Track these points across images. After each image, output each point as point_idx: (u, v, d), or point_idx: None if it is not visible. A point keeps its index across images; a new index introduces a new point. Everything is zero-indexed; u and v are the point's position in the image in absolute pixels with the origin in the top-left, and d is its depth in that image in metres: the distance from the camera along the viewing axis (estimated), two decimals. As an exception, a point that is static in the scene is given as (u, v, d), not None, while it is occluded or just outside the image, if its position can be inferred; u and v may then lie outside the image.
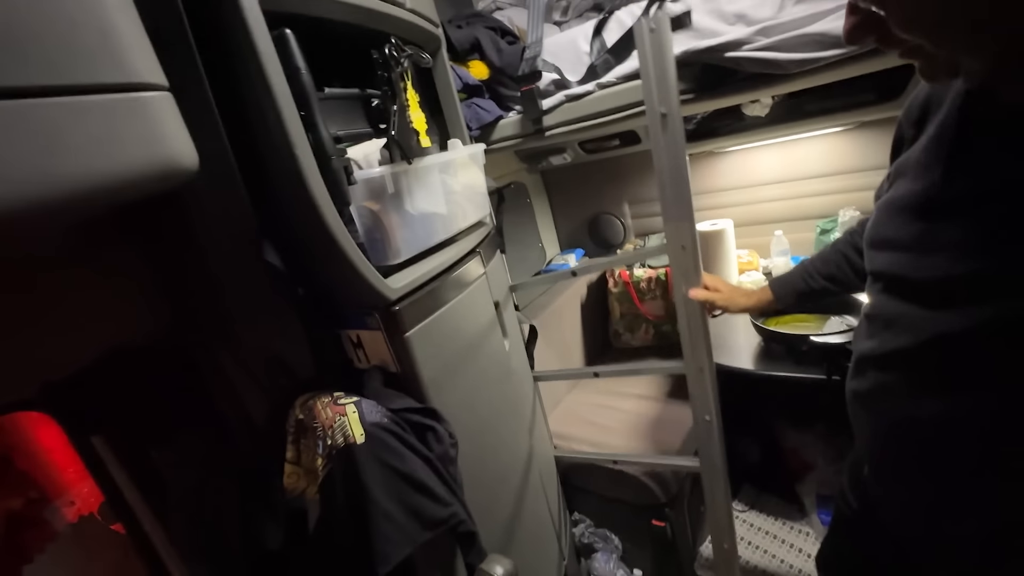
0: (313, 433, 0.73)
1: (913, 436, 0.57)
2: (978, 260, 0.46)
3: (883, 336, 0.58)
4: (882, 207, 0.60)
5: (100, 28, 0.45)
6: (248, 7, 0.57)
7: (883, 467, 0.65)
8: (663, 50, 0.83)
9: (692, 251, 0.96)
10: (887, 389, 0.58)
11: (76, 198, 0.44)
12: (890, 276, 0.57)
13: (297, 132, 0.62)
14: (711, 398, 1.10)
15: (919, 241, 0.52)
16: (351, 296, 0.76)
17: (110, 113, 0.45)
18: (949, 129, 0.51)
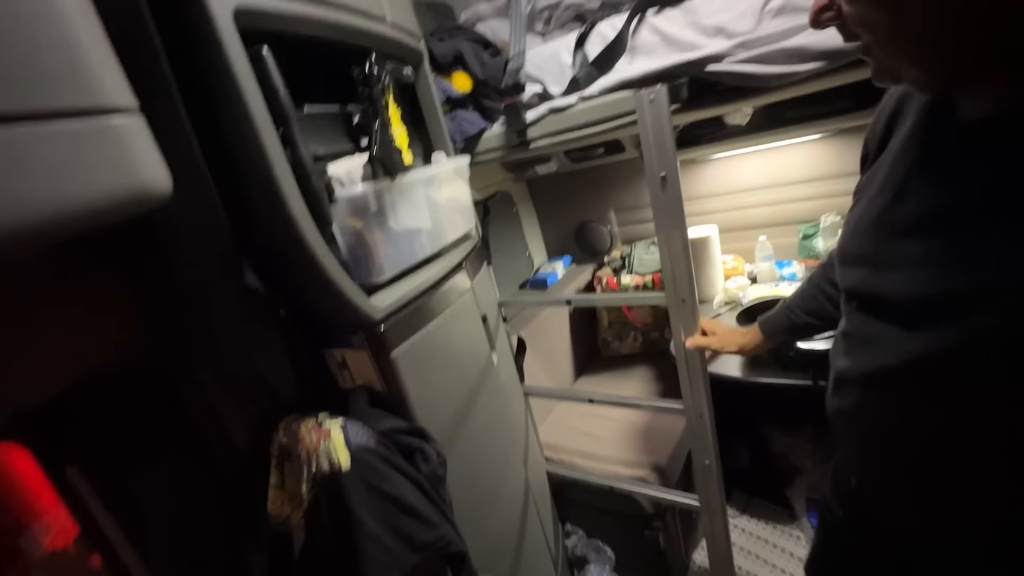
0: (297, 458, 0.72)
1: (901, 452, 0.57)
2: (944, 278, 0.46)
3: (861, 354, 0.57)
4: (851, 222, 0.61)
5: (66, 51, 0.43)
6: (223, 27, 0.56)
7: (872, 481, 0.65)
8: (662, 120, 0.91)
9: (691, 303, 1.05)
10: (870, 408, 0.58)
11: (42, 228, 0.43)
12: (863, 294, 0.57)
13: (275, 152, 0.61)
14: (711, 443, 1.13)
15: (887, 258, 0.52)
16: (335, 316, 0.75)
17: (77, 138, 0.44)
18: (912, 145, 0.51)
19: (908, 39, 0.42)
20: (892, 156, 0.54)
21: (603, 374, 1.99)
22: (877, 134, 0.60)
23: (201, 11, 0.55)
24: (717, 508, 1.20)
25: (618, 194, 2.12)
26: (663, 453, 1.48)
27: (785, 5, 0.82)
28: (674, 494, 1.30)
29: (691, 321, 1.08)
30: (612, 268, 1.98)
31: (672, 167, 0.95)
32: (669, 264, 1.05)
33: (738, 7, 0.87)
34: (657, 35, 0.95)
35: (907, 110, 0.54)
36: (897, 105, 0.57)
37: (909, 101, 0.55)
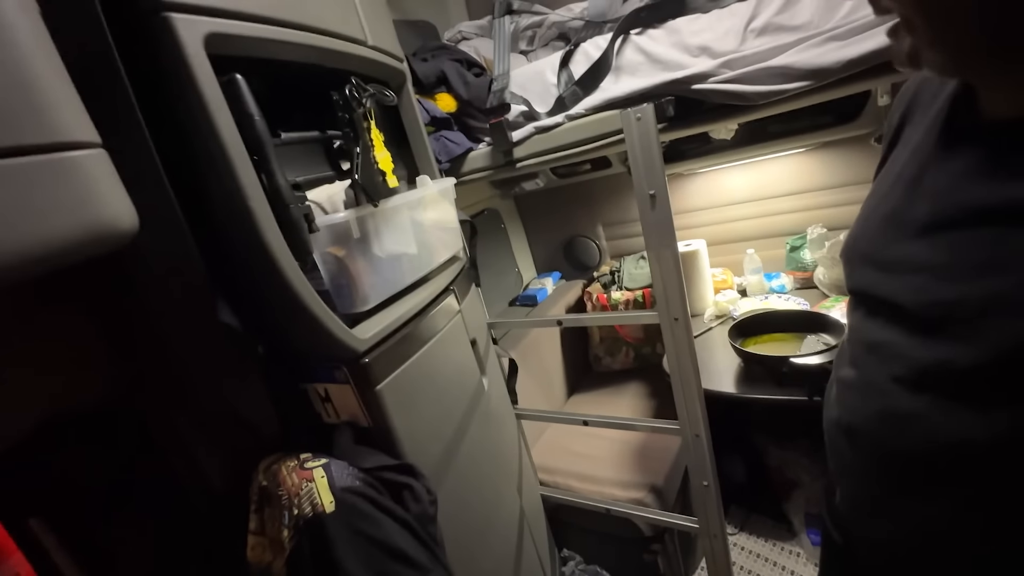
0: (278, 501, 0.68)
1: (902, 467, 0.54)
2: (957, 285, 0.44)
3: (868, 363, 0.55)
4: (861, 219, 0.58)
5: (20, 86, 0.41)
6: (193, 54, 0.53)
7: (862, 499, 0.62)
8: (650, 138, 0.91)
9: (684, 321, 1.04)
10: (872, 420, 0.56)
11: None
12: (871, 297, 0.54)
13: (250, 182, 0.58)
14: (708, 464, 1.12)
15: (897, 260, 0.50)
16: (316, 350, 0.71)
17: (33, 177, 0.41)
18: (929, 140, 0.49)
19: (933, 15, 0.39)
20: (907, 150, 0.52)
21: (596, 391, 1.96)
22: (892, 125, 0.58)
23: (170, 38, 0.52)
24: (717, 530, 1.18)
25: (605, 209, 2.11)
26: (660, 472, 1.46)
27: (768, 25, 0.83)
28: (672, 517, 1.27)
29: (684, 339, 1.06)
30: (602, 283, 1.97)
31: (661, 184, 0.94)
32: (661, 282, 1.03)
33: (721, 27, 0.87)
34: (642, 54, 0.95)
35: (923, 101, 0.53)
36: (913, 96, 0.55)
37: (925, 92, 0.53)
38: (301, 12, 0.68)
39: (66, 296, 0.69)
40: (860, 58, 0.73)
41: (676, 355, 1.08)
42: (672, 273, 1.02)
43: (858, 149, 1.55)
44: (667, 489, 1.42)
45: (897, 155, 0.54)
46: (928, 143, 0.49)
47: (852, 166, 1.59)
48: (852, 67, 0.74)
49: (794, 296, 1.66)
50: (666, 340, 1.08)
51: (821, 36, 0.76)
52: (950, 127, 0.47)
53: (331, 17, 0.74)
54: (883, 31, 0.73)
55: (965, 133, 0.46)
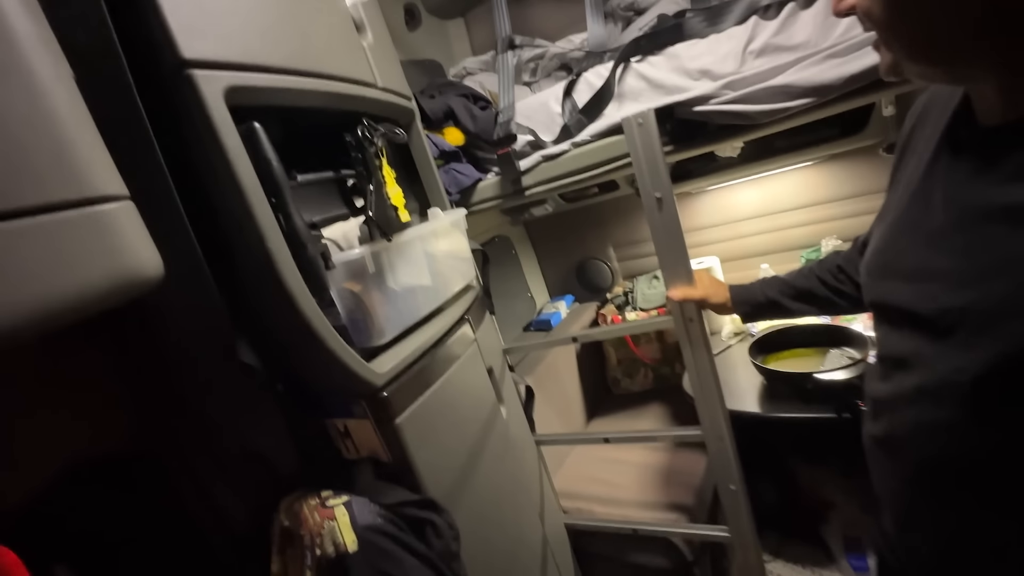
0: (300, 542, 0.67)
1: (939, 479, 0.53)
2: (976, 291, 0.44)
3: (897, 377, 0.55)
4: (880, 231, 0.59)
5: (53, 146, 0.43)
6: (214, 107, 0.56)
7: (907, 516, 0.60)
8: (652, 141, 0.91)
9: (699, 323, 1.02)
10: (910, 433, 0.55)
11: (26, 327, 0.41)
12: (892, 308, 0.54)
13: (269, 225, 0.60)
14: (734, 467, 1.08)
15: (915, 269, 0.50)
16: (335, 385, 0.72)
17: (64, 232, 0.43)
18: (937, 151, 0.51)
19: (906, 33, 0.42)
20: (919, 162, 0.53)
21: (616, 414, 1.92)
22: (903, 139, 0.59)
23: (192, 93, 0.55)
24: (749, 539, 1.13)
25: (615, 230, 2.12)
26: (687, 494, 1.41)
27: (766, 46, 0.84)
28: (701, 528, 1.22)
29: (701, 342, 1.04)
30: (616, 305, 1.96)
31: (666, 188, 0.94)
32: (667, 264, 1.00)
33: (720, 50, 0.89)
34: (643, 80, 0.97)
35: (931, 115, 0.54)
36: (923, 110, 0.57)
37: (933, 104, 0.55)
38: (315, 60, 0.71)
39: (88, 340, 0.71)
40: (861, 73, 0.74)
41: (694, 361, 1.05)
42: (684, 275, 1.00)
43: (866, 160, 1.54)
44: (697, 508, 1.37)
45: (907, 167, 0.55)
46: (934, 154, 0.50)
47: (861, 177, 1.58)
48: (853, 83, 0.74)
49: (813, 310, 1.63)
50: (682, 345, 1.05)
51: (820, 54, 0.77)
52: (953, 137, 0.48)
53: (343, 63, 0.78)
54: (881, 46, 0.74)
55: (965, 141, 0.47)
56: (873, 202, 1.60)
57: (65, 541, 0.71)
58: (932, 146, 0.51)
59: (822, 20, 0.81)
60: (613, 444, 1.72)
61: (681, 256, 0.99)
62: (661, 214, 0.96)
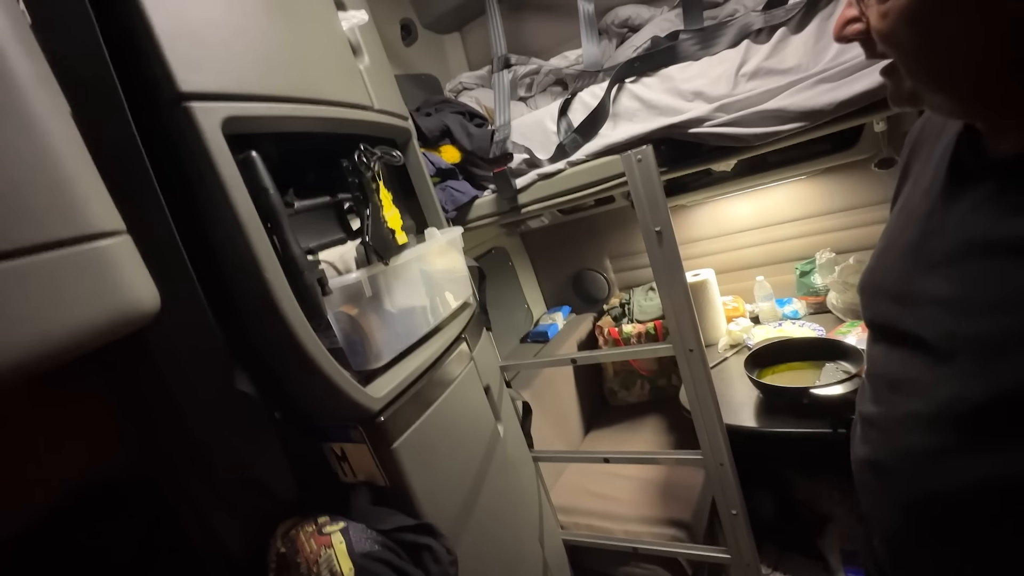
0: (296, 569, 0.67)
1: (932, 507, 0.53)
2: (975, 318, 0.44)
3: (891, 400, 0.54)
4: (878, 253, 0.59)
5: (49, 184, 0.43)
6: (211, 138, 0.56)
7: (897, 540, 0.59)
8: (651, 177, 0.94)
9: (699, 352, 1.05)
10: (903, 459, 0.54)
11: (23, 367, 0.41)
12: (890, 330, 0.54)
13: (266, 255, 0.60)
14: (735, 492, 1.09)
15: (915, 293, 0.50)
16: (332, 411, 0.72)
17: (62, 270, 0.43)
18: (940, 177, 0.50)
19: (936, 63, 0.41)
20: (919, 188, 0.54)
21: (614, 427, 1.92)
22: (903, 161, 0.59)
23: (190, 125, 0.55)
24: (750, 559, 1.14)
25: (611, 241, 2.13)
26: (686, 508, 1.41)
27: (758, 69, 0.85)
28: (703, 549, 1.23)
29: (700, 369, 1.05)
30: (612, 316, 1.96)
31: (666, 221, 0.96)
32: (673, 315, 1.04)
33: (713, 73, 0.90)
34: (638, 101, 0.98)
35: (929, 139, 0.54)
36: (920, 133, 0.57)
37: (931, 129, 0.55)
38: (312, 87, 0.72)
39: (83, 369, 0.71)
40: (852, 99, 0.75)
41: (694, 386, 1.07)
42: (683, 306, 1.02)
43: (859, 174, 1.56)
44: (695, 524, 1.37)
45: (909, 191, 0.56)
46: (938, 180, 0.50)
47: (854, 191, 1.60)
48: (845, 108, 0.76)
49: (808, 322, 1.64)
50: (683, 372, 1.07)
51: (812, 79, 0.78)
52: (958, 165, 0.48)
53: (339, 88, 0.78)
54: (873, 71, 0.76)
55: (971, 171, 0.47)
56: (866, 215, 1.62)
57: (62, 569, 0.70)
58: (931, 171, 0.51)
59: (813, 44, 0.82)
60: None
61: (680, 284, 1.01)
62: (661, 248, 0.98)
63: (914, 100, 0.45)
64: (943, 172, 0.50)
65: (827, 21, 0.81)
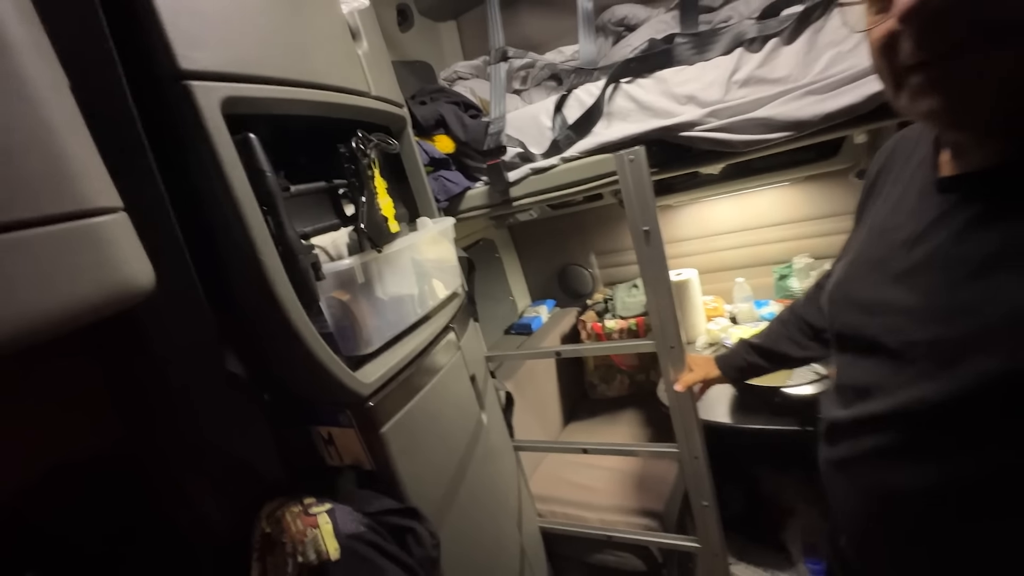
0: (282, 549, 0.68)
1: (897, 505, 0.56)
2: (933, 328, 0.47)
3: (858, 405, 0.57)
4: (845, 264, 0.62)
5: (47, 158, 0.42)
6: (210, 117, 0.56)
7: (864, 538, 0.63)
8: (642, 178, 0.96)
9: (679, 349, 1.08)
10: (866, 457, 0.57)
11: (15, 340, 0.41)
12: (859, 338, 0.57)
13: (262, 237, 0.60)
14: (707, 485, 1.13)
15: (881, 303, 0.53)
16: (322, 394, 0.72)
17: (60, 244, 0.43)
18: (906, 197, 0.54)
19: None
20: (890, 204, 0.57)
21: (592, 419, 1.96)
22: (871, 177, 0.63)
23: (189, 104, 0.55)
24: (717, 550, 1.19)
25: (598, 238, 2.16)
26: (659, 499, 1.46)
27: (750, 77, 0.88)
28: (673, 538, 1.28)
29: (681, 366, 1.09)
30: (596, 312, 2.00)
31: (654, 221, 0.98)
32: (657, 313, 1.07)
33: (706, 78, 0.92)
34: (632, 102, 1.00)
35: (899, 159, 0.58)
36: (891, 153, 0.60)
37: (900, 151, 0.58)
38: (311, 70, 0.71)
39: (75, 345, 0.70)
40: (837, 112, 0.78)
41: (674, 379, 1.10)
42: (667, 304, 1.05)
43: (839, 183, 1.61)
44: (667, 515, 1.42)
45: (879, 208, 0.58)
46: (907, 198, 0.54)
47: (834, 198, 1.66)
48: (829, 120, 0.79)
49: (784, 324, 1.70)
50: (663, 367, 1.10)
51: (800, 90, 0.81)
52: (925, 185, 0.51)
53: (338, 73, 0.78)
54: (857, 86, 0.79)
55: (937, 190, 0.50)
56: (843, 223, 1.68)
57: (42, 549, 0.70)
58: (900, 189, 0.55)
59: (803, 56, 0.85)
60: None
61: (665, 283, 1.04)
62: (648, 247, 1.01)
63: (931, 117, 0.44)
64: (912, 191, 0.53)
65: (818, 34, 0.84)
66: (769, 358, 0.93)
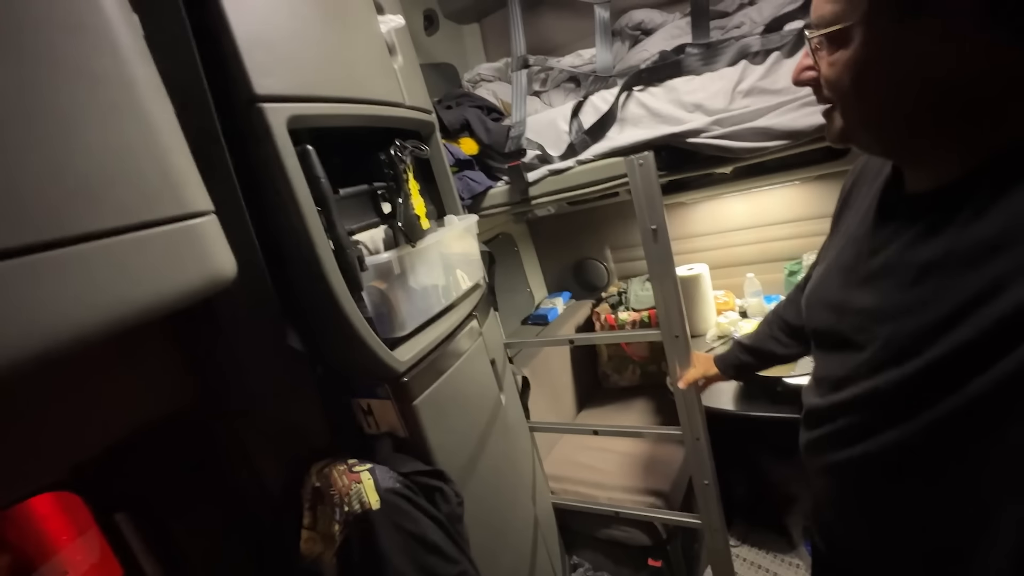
0: (330, 500, 0.79)
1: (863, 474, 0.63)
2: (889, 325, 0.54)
3: (833, 394, 0.64)
4: (821, 270, 0.70)
5: (162, 171, 0.53)
6: (279, 134, 0.67)
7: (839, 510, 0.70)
8: (650, 180, 1.03)
9: (684, 339, 1.16)
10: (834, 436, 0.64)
11: (139, 318, 0.52)
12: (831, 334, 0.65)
13: (318, 234, 0.71)
14: (708, 465, 1.21)
15: (849, 304, 0.61)
16: (365, 370, 0.83)
17: (168, 241, 0.53)
18: (871, 209, 0.61)
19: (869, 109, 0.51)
20: (858, 215, 0.64)
21: (605, 407, 2.06)
22: (844, 190, 0.71)
23: (262, 123, 0.66)
24: (718, 525, 1.28)
25: (613, 233, 2.23)
26: (665, 481, 1.55)
27: (753, 88, 0.95)
28: (677, 515, 1.37)
29: (685, 354, 1.17)
30: (610, 304, 2.08)
31: (661, 220, 1.07)
32: (663, 304, 1.15)
33: (712, 88, 0.99)
34: (643, 108, 1.08)
35: (868, 174, 0.65)
36: (862, 168, 0.68)
37: (869, 168, 0.66)
38: (359, 87, 0.82)
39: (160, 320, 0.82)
40: (830, 122, 0.85)
41: (678, 367, 1.18)
42: (672, 296, 1.14)
43: (849, 182, 1.66)
44: (672, 495, 1.51)
45: (849, 218, 0.66)
46: (871, 210, 0.61)
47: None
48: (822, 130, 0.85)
49: (792, 318, 1.76)
50: (668, 354, 1.19)
51: (797, 102, 0.88)
52: (885, 199, 0.59)
53: (379, 87, 0.88)
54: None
55: (895, 204, 0.58)
56: (853, 221, 1.72)
57: (127, 492, 0.83)
58: (867, 202, 0.62)
59: (803, 69, 0.91)
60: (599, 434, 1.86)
61: (671, 277, 1.12)
62: (656, 244, 1.09)
63: (845, 138, 0.56)
64: (875, 205, 0.61)
65: (817, 48, 0.90)
66: (758, 356, 1.00)
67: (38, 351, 0.43)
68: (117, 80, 0.49)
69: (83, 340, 0.47)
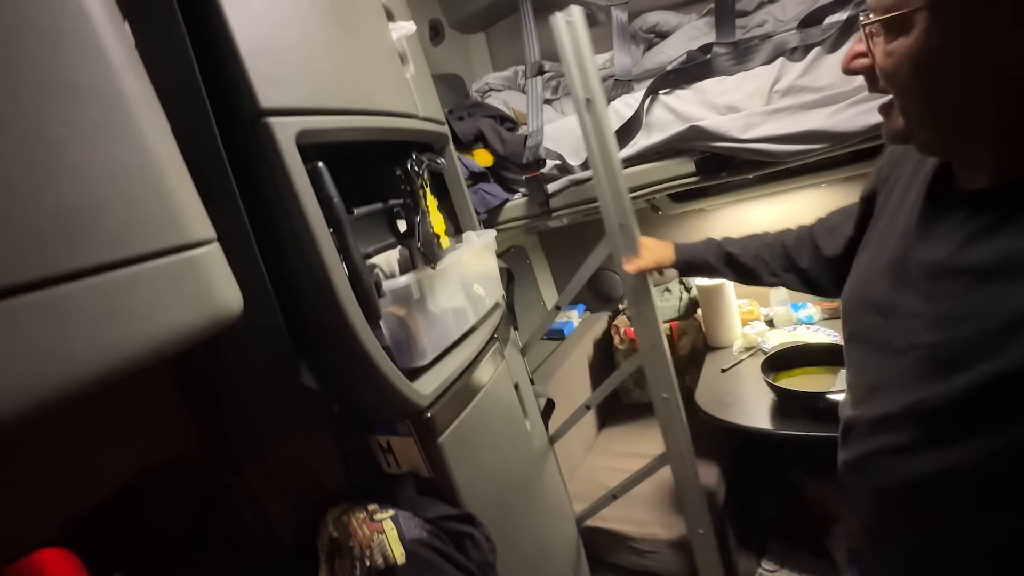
0: (349, 552, 0.71)
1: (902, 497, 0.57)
2: (937, 333, 0.49)
3: (867, 404, 0.59)
4: (861, 266, 0.63)
5: (158, 196, 0.47)
6: (287, 150, 0.60)
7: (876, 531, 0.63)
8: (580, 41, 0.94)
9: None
10: (877, 456, 0.58)
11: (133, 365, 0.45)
12: (872, 339, 0.59)
13: (332, 259, 0.64)
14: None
15: (893, 306, 0.55)
16: (384, 405, 0.76)
17: (165, 276, 0.47)
18: (917, 201, 0.55)
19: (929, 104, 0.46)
20: (900, 206, 0.58)
21: (627, 424, 1.97)
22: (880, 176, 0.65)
23: (268, 139, 0.59)
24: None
25: (628, 242, 2.16)
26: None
27: (792, 87, 0.88)
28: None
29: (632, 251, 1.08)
30: (627, 316, 2.00)
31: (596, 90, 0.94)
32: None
33: (747, 88, 0.93)
34: (670, 113, 1.01)
35: (906, 171, 0.59)
36: (901, 156, 0.61)
37: (906, 161, 0.59)
38: (370, 99, 0.75)
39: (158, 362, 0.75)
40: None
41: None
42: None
43: (878, 183, 1.58)
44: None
45: (891, 206, 0.60)
46: (916, 208, 0.55)
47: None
48: (875, 131, 0.79)
49: (823, 327, 1.68)
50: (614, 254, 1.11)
51: (846, 101, 0.81)
52: (934, 197, 0.53)
53: (391, 98, 0.82)
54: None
55: (945, 203, 0.52)
56: (883, 223, 1.64)
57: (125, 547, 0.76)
58: (911, 197, 0.56)
59: (847, 64, 0.85)
60: (622, 453, 1.78)
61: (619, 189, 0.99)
62: (589, 114, 0.95)
63: (906, 137, 0.50)
64: (921, 201, 0.55)
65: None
66: (737, 269, 0.93)
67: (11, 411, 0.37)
68: (105, 94, 0.43)
69: (66, 396, 0.40)
